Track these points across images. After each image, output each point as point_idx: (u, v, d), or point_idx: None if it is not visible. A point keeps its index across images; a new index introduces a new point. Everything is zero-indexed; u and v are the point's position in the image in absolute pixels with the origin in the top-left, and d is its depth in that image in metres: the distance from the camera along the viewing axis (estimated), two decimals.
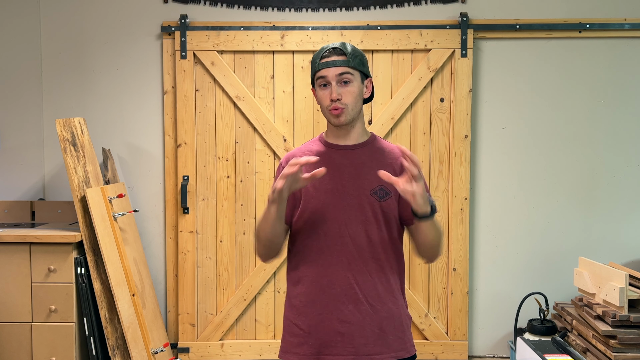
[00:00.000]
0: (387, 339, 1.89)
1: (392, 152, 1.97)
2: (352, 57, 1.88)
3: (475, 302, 3.71)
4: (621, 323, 2.94)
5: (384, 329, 1.89)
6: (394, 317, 1.92)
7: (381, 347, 1.88)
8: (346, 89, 1.88)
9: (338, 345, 1.87)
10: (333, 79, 1.87)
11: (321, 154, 1.94)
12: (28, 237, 3.15)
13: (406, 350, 1.93)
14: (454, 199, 3.60)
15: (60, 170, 3.72)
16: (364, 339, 1.87)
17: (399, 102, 3.59)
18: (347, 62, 1.87)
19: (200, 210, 3.66)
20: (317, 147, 1.97)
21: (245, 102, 3.60)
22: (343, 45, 1.90)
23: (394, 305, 1.92)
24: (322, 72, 1.89)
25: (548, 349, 1.63)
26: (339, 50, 1.89)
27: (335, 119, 1.89)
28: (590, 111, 3.64)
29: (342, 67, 1.87)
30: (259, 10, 3.65)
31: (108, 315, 3.17)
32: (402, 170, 1.90)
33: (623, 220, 3.66)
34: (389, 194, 1.91)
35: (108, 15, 3.67)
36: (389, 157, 1.95)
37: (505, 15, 3.61)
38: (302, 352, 1.90)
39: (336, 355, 1.87)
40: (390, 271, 1.92)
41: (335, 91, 1.86)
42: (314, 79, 1.94)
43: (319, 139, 2.01)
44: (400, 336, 1.92)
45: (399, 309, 1.94)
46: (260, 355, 3.67)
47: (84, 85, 3.70)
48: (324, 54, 1.90)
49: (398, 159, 1.93)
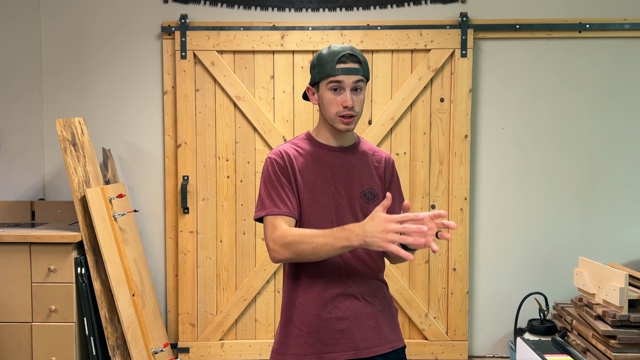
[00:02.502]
0: (383, 331, 1.94)
1: (377, 155, 2.03)
2: (364, 65, 1.91)
3: (475, 302, 3.71)
4: (621, 323, 2.94)
5: (380, 322, 1.94)
6: (386, 309, 1.97)
7: (378, 339, 1.92)
8: (358, 97, 1.90)
9: (338, 343, 1.89)
10: (349, 86, 1.88)
11: (314, 154, 1.94)
12: (28, 237, 3.15)
13: (399, 340, 1.99)
14: (454, 199, 3.60)
15: (60, 170, 3.72)
16: (362, 334, 1.90)
17: (399, 102, 3.59)
18: (362, 71, 1.89)
19: (200, 210, 3.66)
20: (308, 147, 1.96)
21: (245, 102, 3.61)
22: (356, 51, 1.90)
23: (384, 298, 1.99)
24: (339, 78, 1.87)
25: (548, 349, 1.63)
26: (355, 58, 1.89)
27: (345, 126, 1.90)
28: (590, 111, 3.64)
29: (359, 76, 1.88)
30: (259, 10, 3.65)
31: (108, 315, 3.17)
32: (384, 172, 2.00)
33: (623, 220, 3.66)
34: (377, 197, 1.96)
35: (108, 15, 3.67)
36: (375, 161, 2.01)
37: (505, 15, 3.61)
38: (301, 352, 1.90)
39: (338, 352, 1.89)
40: (378, 268, 1.98)
41: (351, 98, 1.87)
42: (320, 80, 1.91)
43: (306, 138, 1.99)
44: (392, 327, 1.98)
45: (389, 300, 2.01)
46: (260, 355, 3.67)
47: (84, 85, 3.70)
48: (341, 59, 1.88)
49: (382, 162, 2.01)
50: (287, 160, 1.91)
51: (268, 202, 1.87)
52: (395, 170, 2.06)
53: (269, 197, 1.88)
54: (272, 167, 1.91)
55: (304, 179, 1.91)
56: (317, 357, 1.89)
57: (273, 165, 1.91)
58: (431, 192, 3.64)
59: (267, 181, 1.90)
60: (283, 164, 1.90)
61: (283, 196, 1.88)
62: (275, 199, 1.87)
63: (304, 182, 1.91)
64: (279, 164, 1.90)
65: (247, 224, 3.67)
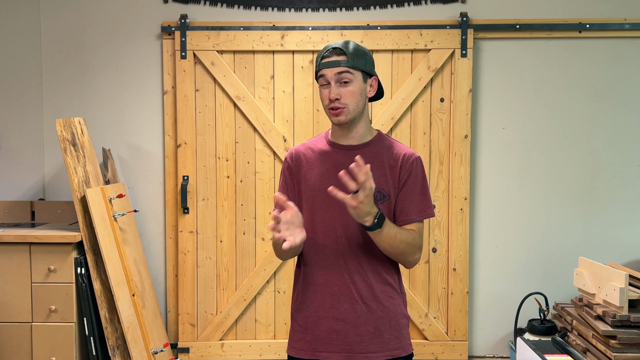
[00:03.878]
0: (383, 338, 1.91)
1: (395, 153, 1.94)
2: (353, 57, 1.89)
3: (475, 302, 3.71)
4: (621, 323, 2.94)
5: (380, 328, 1.91)
6: (390, 316, 1.93)
7: (377, 345, 1.90)
8: (346, 89, 1.89)
9: (333, 343, 1.91)
10: (332, 78, 1.89)
11: (324, 152, 1.97)
12: (28, 237, 3.15)
13: (403, 349, 1.94)
14: (454, 199, 3.60)
15: (60, 170, 3.72)
16: (359, 337, 1.90)
17: (399, 102, 3.59)
18: (346, 62, 1.88)
19: (200, 210, 3.66)
20: (322, 146, 2.00)
21: (245, 102, 3.60)
22: (345, 45, 1.90)
23: (390, 304, 1.93)
24: (322, 72, 1.91)
25: (548, 349, 1.63)
26: (339, 50, 1.89)
27: (335, 117, 1.91)
28: (590, 111, 3.64)
29: (341, 67, 1.88)
30: (259, 10, 3.65)
31: (108, 315, 3.17)
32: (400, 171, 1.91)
33: (623, 220, 3.66)
34: (387, 197, 1.91)
35: (108, 15, 3.67)
36: (390, 159, 1.93)
37: (505, 15, 3.61)
38: (299, 347, 1.96)
39: (331, 352, 1.90)
40: (387, 271, 1.94)
41: (333, 91, 1.88)
42: (316, 78, 1.98)
43: (324, 136, 2.04)
44: (396, 335, 1.93)
45: (396, 307, 1.95)
46: (260, 355, 3.67)
47: (84, 85, 3.70)
48: (325, 54, 1.91)
49: (399, 161, 1.92)
50: (296, 161, 2.00)
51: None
52: (415, 168, 1.93)
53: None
54: (283, 166, 2.05)
55: (310, 179, 1.95)
56: (311, 353, 1.93)
57: (284, 164, 2.04)
58: (431, 192, 3.63)
59: (280, 180, 2.05)
60: (291, 163, 2.01)
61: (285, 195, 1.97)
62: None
63: (310, 183, 1.95)
64: (287, 164, 2.03)
65: (247, 224, 3.67)
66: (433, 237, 3.64)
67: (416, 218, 1.92)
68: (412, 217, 1.91)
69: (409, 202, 1.92)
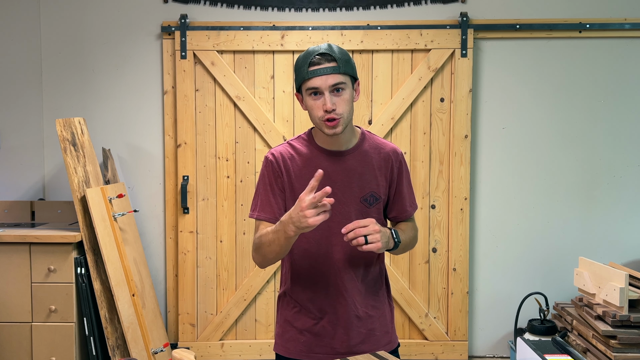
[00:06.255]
0: (375, 336, 1.95)
1: (382, 152, 1.92)
2: (343, 63, 1.76)
3: (475, 302, 3.71)
4: (621, 323, 2.94)
5: (372, 329, 1.95)
6: (380, 317, 1.97)
7: (370, 344, 1.93)
8: (340, 98, 1.76)
9: (327, 345, 1.92)
10: (326, 88, 1.74)
11: (311, 159, 1.86)
12: (28, 237, 3.15)
13: (392, 343, 1.99)
14: (454, 199, 3.60)
15: (60, 170, 3.72)
16: (353, 340, 1.92)
17: (399, 102, 3.59)
18: (338, 69, 1.74)
19: (200, 210, 3.66)
20: (307, 150, 1.88)
21: (245, 102, 3.60)
22: (331, 49, 1.76)
23: (380, 304, 1.97)
24: (313, 82, 1.75)
25: (548, 349, 1.63)
26: (329, 57, 1.75)
27: (331, 130, 1.77)
28: (590, 111, 3.64)
29: (335, 75, 1.74)
30: (259, 10, 3.65)
31: (108, 315, 3.17)
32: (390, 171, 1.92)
33: (623, 220, 3.66)
34: (379, 200, 1.91)
35: (108, 15, 3.67)
36: (378, 160, 1.91)
37: (505, 15, 3.61)
38: (292, 348, 1.94)
39: (324, 355, 1.92)
40: (377, 273, 1.98)
41: (329, 102, 1.74)
42: (300, 86, 1.80)
43: (306, 138, 1.91)
44: (386, 330, 1.98)
45: (383, 305, 1.99)
46: (260, 355, 3.67)
47: (84, 85, 3.70)
48: (313, 60, 1.75)
49: (387, 161, 1.92)
50: (282, 163, 1.86)
51: (255, 204, 1.89)
52: (403, 163, 1.94)
53: (258, 198, 1.89)
54: (266, 168, 1.89)
55: (298, 186, 1.84)
56: (306, 355, 1.93)
57: (267, 166, 1.88)
58: (431, 192, 3.64)
59: (260, 181, 1.90)
60: (277, 166, 1.86)
61: (271, 199, 1.86)
62: (262, 202, 1.87)
63: (299, 189, 1.81)
64: (272, 165, 1.87)
65: (247, 224, 3.67)
66: (433, 237, 3.64)
67: (411, 212, 2.01)
68: (409, 212, 2.00)
69: (403, 199, 1.97)
